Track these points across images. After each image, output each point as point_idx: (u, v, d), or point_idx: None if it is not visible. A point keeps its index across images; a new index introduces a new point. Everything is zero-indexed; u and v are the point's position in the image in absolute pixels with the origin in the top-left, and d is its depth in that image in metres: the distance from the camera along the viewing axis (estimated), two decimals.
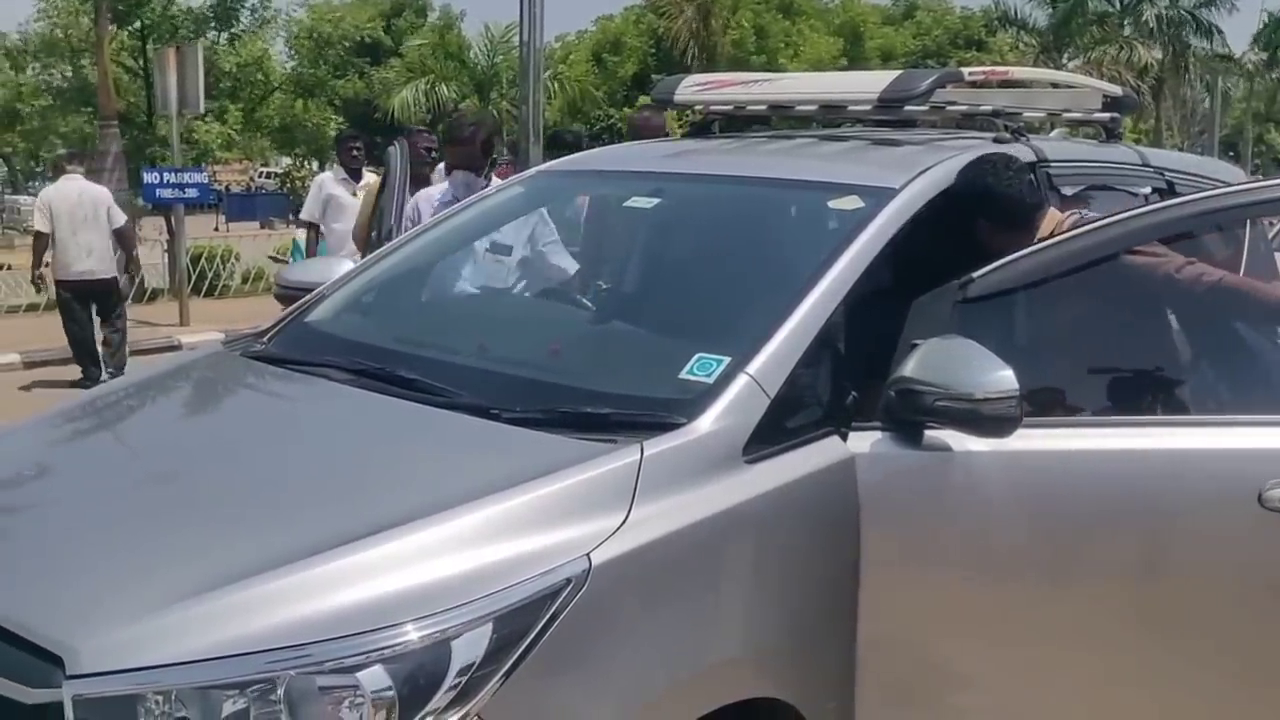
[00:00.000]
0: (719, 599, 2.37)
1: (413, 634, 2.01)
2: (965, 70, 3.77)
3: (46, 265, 9.68)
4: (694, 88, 4.03)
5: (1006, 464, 2.58)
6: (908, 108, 3.58)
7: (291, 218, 28.22)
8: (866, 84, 3.66)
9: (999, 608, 2.65)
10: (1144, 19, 35.62)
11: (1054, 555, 2.65)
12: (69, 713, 1.95)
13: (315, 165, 38.84)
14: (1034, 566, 2.65)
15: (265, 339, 3.35)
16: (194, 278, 14.54)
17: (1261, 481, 2.54)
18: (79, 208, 9.49)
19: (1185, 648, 2.67)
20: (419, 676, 1.99)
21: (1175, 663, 2.68)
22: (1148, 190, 3.77)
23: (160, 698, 1.96)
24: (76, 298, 9.64)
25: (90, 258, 9.49)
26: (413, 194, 5.99)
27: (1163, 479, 2.62)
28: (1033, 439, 2.56)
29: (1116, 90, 4.28)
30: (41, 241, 9.58)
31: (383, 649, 1.99)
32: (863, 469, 2.55)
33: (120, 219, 9.72)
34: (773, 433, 2.48)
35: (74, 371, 9.86)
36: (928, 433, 2.56)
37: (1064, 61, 34.51)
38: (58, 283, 9.68)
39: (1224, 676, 2.69)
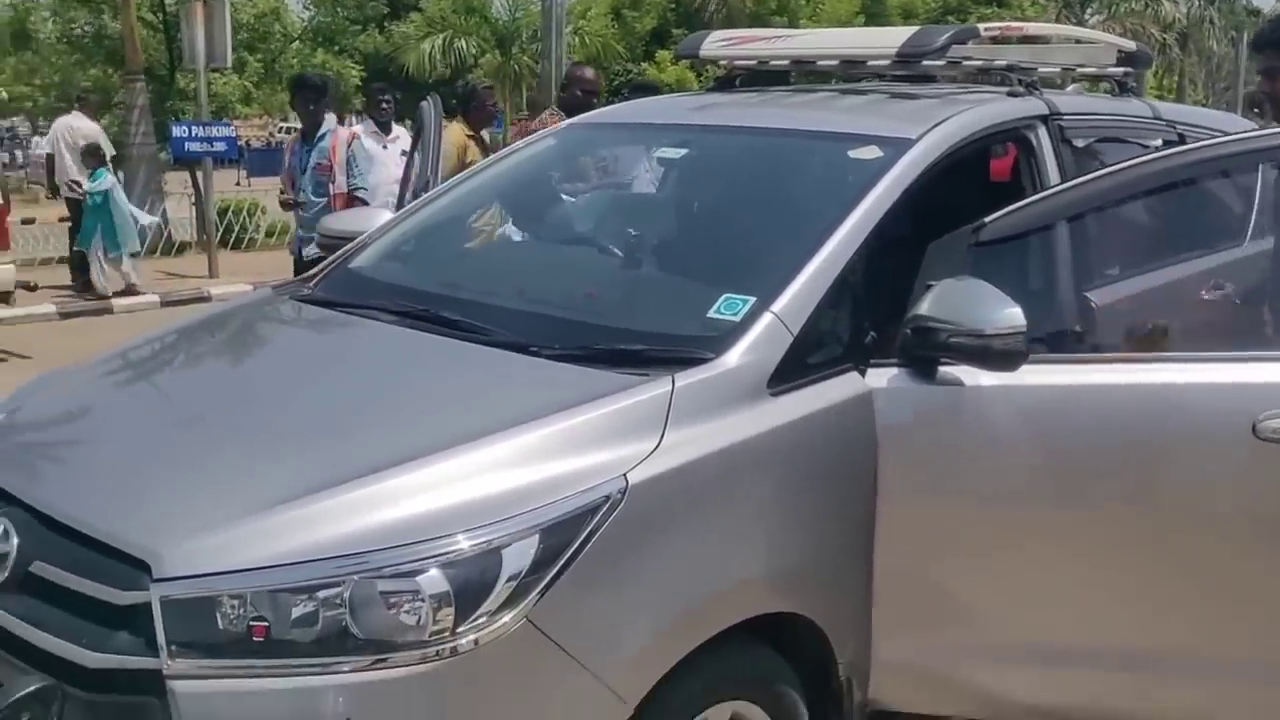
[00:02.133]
0: (744, 520, 2.54)
1: (465, 543, 2.18)
2: (981, 26, 3.89)
3: None
4: (719, 43, 4.17)
5: (1014, 397, 2.72)
6: (925, 62, 3.70)
7: None
8: (885, 39, 3.80)
9: (1007, 534, 2.79)
10: None
11: (1059, 484, 2.79)
12: (156, 612, 2.14)
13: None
14: (1040, 495, 2.79)
15: (312, 284, 3.51)
16: (220, 231, 14.70)
17: (1256, 413, 2.66)
18: None
19: (1184, 571, 2.79)
20: (473, 581, 2.16)
21: (1174, 586, 2.81)
22: (1158, 143, 3.88)
23: (236, 601, 2.14)
24: None
25: None
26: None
27: (1161, 411, 2.74)
28: (1039, 374, 2.71)
29: (1131, 46, 4.38)
30: None
31: (439, 555, 2.16)
32: (880, 402, 2.70)
33: None
34: (796, 368, 2.64)
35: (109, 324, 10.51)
36: (941, 368, 2.71)
37: (1086, 17, 34.14)
38: None
39: (1220, 598, 2.81)
